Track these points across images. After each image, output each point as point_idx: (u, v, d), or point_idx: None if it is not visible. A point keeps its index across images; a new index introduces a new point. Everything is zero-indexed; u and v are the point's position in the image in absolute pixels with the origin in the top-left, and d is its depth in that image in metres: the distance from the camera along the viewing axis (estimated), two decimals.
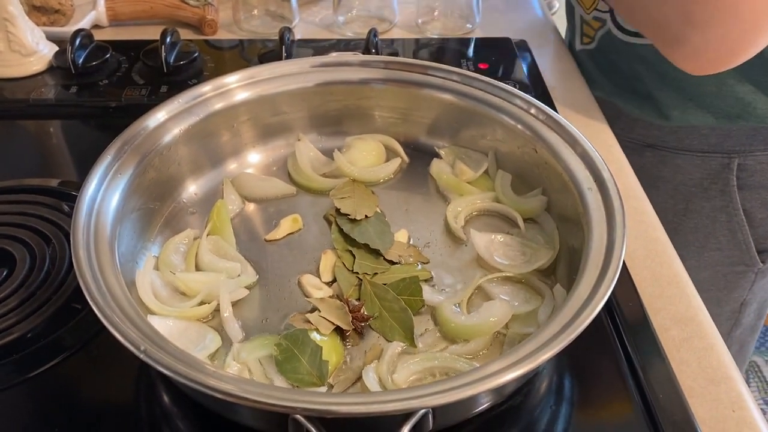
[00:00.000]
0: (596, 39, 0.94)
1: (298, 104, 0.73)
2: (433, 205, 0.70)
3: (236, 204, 0.69)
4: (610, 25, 0.90)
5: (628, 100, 0.92)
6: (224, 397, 0.42)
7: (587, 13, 0.94)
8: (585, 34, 0.97)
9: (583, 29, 0.97)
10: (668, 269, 0.67)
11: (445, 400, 0.42)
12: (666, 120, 0.89)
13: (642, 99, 0.90)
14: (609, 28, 0.90)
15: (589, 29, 0.95)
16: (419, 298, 0.59)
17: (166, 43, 0.88)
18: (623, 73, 0.92)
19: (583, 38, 0.98)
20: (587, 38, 0.97)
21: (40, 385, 0.56)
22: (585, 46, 0.98)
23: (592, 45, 0.96)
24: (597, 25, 0.93)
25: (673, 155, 0.91)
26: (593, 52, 0.96)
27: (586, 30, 0.96)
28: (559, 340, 0.46)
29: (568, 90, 0.93)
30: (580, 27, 0.99)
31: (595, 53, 0.96)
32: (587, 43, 0.97)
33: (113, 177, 0.59)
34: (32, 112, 0.86)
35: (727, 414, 0.54)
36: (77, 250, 0.52)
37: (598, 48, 0.95)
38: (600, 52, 0.95)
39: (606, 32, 0.91)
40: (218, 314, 0.58)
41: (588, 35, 0.96)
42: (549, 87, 0.91)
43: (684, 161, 0.90)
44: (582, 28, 0.98)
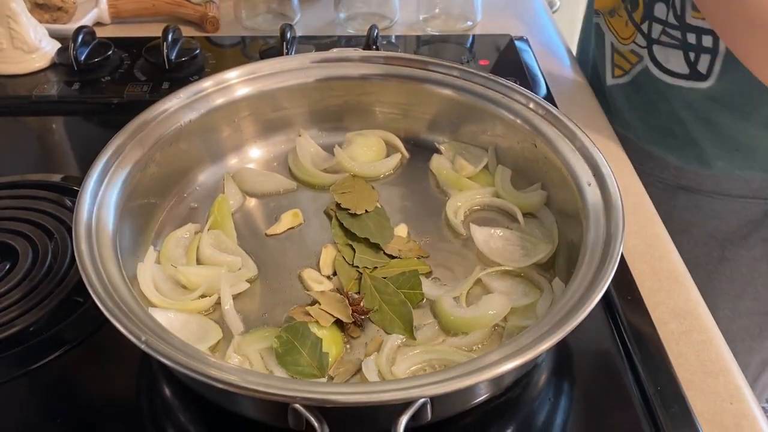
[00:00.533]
0: (631, 74, 0.85)
1: (299, 100, 0.73)
2: (433, 200, 0.70)
3: (237, 199, 0.69)
4: (648, 62, 0.82)
5: (663, 144, 0.84)
6: (225, 387, 0.43)
7: (623, 44, 0.85)
8: (617, 66, 0.88)
9: (615, 59, 0.88)
10: (667, 264, 0.67)
11: (443, 390, 0.43)
12: (707, 168, 0.81)
13: (681, 144, 0.82)
14: (646, 65, 0.82)
15: (623, 62, 0.86)
16: (419, 292, 0.59)
17: (168, 40, 0.89)
18: (661, 115, 0.83)
19: (614, 70, 0.89)
20: (620, 70, 0.88)
21: (42, 378, 0.56)
22: (617, 79, 0.89)
23: (625, 79, 0.87)
24: (634, 59, 0.84)
25: (709, 199, 0.83)
26: (626, 87, 0.87)
27: (619, 61, 0.87)
28: (557, 332, 0.47)
29: (568, 86, 0.93)
30: (611, 57, 0.89)
31: (628, 89, 0.87)
32: (619, 75, 0.88)
33: (115, 172, 0.60)
34: (35, 108, 0.87)
35: (725, 406, 0.55)
36: (79, 244, 0.52)
37: (633, 84, 0.86)
38: (635, 88, 0.86)
39: (643, 69, 0.83)
40: (219, 307, 0.58)
41: (621, 68, 0.87)
42: (549, 83, 0.91)
43: (722, 206, 0.83)
44: (613, 58, 0.88)
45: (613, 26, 0.87)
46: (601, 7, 0.90)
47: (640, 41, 0.82)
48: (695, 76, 0.77)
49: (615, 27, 0.86)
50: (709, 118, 0.78)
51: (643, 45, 0.82)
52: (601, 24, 0.90)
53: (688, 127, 0.80)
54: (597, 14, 0.91)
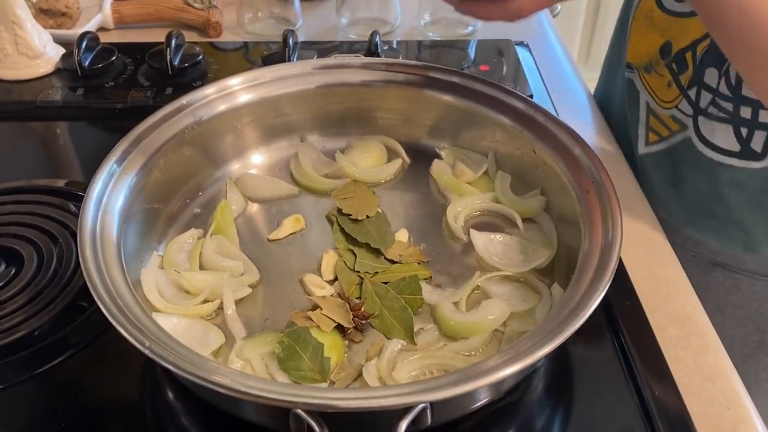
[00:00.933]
0: (669, 142, 0.74)
1: (301, 106, 0.74)
2: (433, 206, 0.71)
3: (239, 204, 0.70)
4: (692, 133, 0.71)
5: (700, 225, 0.74)
6: (227, 392, 0.43)
7: (662, 107, 0.74)
8: (653, 130, 0.76)
9: (650, 123, 0.77)
10: (666, 269, 0.67)
11: (443, 395, 0.43)
12: (752, 253, 0.73)
13: (721, 225, 0.73)
14: (689, 136, 0.71)
15: (661, 127, 0.75)
16: (419, 297, 0.60)
17: (172, 46, 0.89)
18: (700, 193, 0.73)
19: (649, 135, 0.77)
20: (655, 136, 0.76)
21: (47, 382, 0.57)
22: (652, 146, 0.77)
23: (661, 146, 0.76)
24: (675, 126, 0.73)
25: (750, 280, 0.74)
26: (661, 157, 0.76)
27: (655, 125, 0.76)
28: (556, 337, 0.47)
29: (568, 91, 0.94)
30: (645, 120, 0.77)
31: (664, 160, 0.76)
32: (654, 142, 0.76)
33: (119, 177, 0.61)
34: (39, 113, 0.88)
35: (722, 411, 0.55)
36: (84, 249, 0.53)
37: (670, 154, 0.75)
38: (672, 160, 0.75)
39: (684, 139, 0.72)
40: (222, 312, 0.59)
41: (658, 133, 0.76)
42: (549, 89, 0.92)
43: (764, 288, 0.75)
44: (648, 121, 0.77)
45: (651, 85, 0.75)
46: (635, 60, 0.78)
47: (685, 108, 0.71)
48: (747, 154, 0.67)
49: (653, 86, 0.75)
50: (761, 201, 0.69)
51: (688, 113, 0.70)
52: (635, 81, 0.78)
53: (734, 208, 0.71)
54: (630, 68, 0.79)
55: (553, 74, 0.96)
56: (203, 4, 1.04)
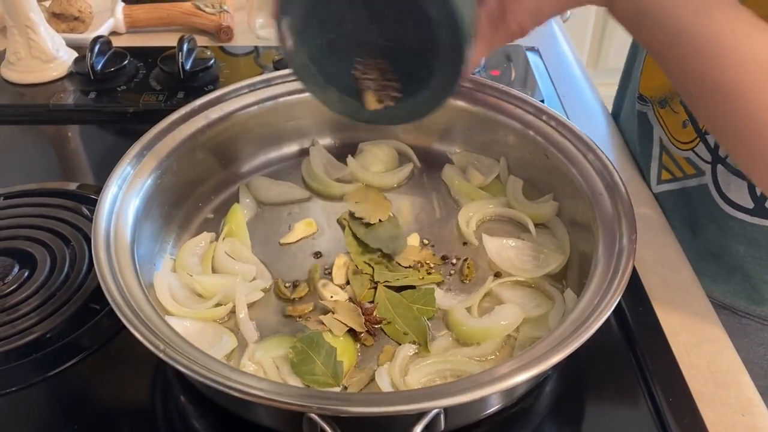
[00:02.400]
0: (682, 183, 0.71)
1: (313, 110, 0.74)
2: (444, 210, 0.71)
3: (251, 208, 0.70)
4: (709, 180, 0.67)
5: (708, 271, 0.71)
6: (242, 396, 0.43)
7: (677, 148, 0.70)
8: (666, 168, 0.73)
9: (663, 160, 0.74)
10: (678, 275, 0.67)
11: (457, 401, 0.43)
12: (757, 306, 0.70)
13: (729, 276, 0.70)
14: (706, 183, 0.67)
15: (674, 167, 0.72)
16: (432, 308, 0.60)
17: (183, 50, 0.90)
18: (711, 241, 0.70)
19: (662, 173, 0.74)
20: (668, 174, 0.73)
21: (60, 384, 0.57)
22: (664, 185, 0.74)
23: (673, 186, 0.73)
24: (691, 170, 0.69)
25: (758, 326, 0.72)
26: (675, 197, 0.73)
27: (668, 164, 0.73)
28: (570, 343, 0.47)
29: (578, 96, 0.94)
30: (658, 155, 0.74)
31: (677, 200, 0.73)
32: (667, 180, 0.73)
33: (132, 181, 0.61)
34: (52, 116, 0.88)
35: (736, 418, 0.55)
36: (98, 253, 0.53)
37: (684, 196, 0.72)
38: (685, 202, 0.72)
39: (700, 186, 0.68)
40: (234, 315, 0.59)
41: (671, 172, 0.73)
42: (560, 94, 0.92)
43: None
44: (661, 157, 0.74)
45: (665, 121, 0.72)
46: (649, 93, 0.74)
47: (703, 153, 0.67)
48: (760, 212, 0.64)
49: (667, 123, 0.72)
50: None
51: (707, 160, 0.67)
52: (648, 115, 0.75)
53: (743, 262, 0.68)
54: (643, 100, 0.76)
55: (563, 79, 0.96)
56: (214, 8, 1.04)
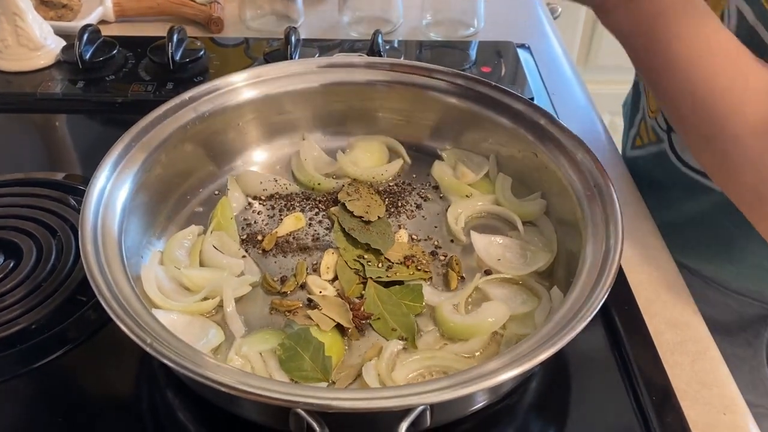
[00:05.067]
0: (647, 150, 0.78)
1: (303, 104, 0.74)
2: (434, 207, 0.71)
3: (240, 201, 0.70)
4: (667, 147, 0.74)
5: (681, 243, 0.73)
6: (228, 391, 0.43)
7: (649, 116, 0.77)
8: (639, 136, 0.80)
9: (640, 129, 0.80)
10: (664, 274, 0.68)
11: (443, 398, 0.43)
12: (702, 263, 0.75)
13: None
14: (665, 149, 0.75)
15: (645, 134, 0.78)
16: (420, 305, 0.60)
17: (173, 40, 0.89)
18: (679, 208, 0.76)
19: (636, 139, 0.80)
20: (640, 141, 0.80)
21: (44, 376, 0.57)
22: (635, 151, 0.81)
23: (641, 152, 0.79)
24: (653, 137, 0.76)
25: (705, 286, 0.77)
26: (642, 162, 0.80)
27: (642, 132, 0.79)
28: (556, 342, 0.47)
29: (568, 94, 0.94)
30: (638, 123, 0.80)
31: (643, 165, 0.79)
32: (639, 146, 0.80)
33: (121, 172, 0.60)
34: (39, 105, 0.87)
35: (718, 417, 0.55)
36: (85, 245, 0.53)
37: (649, 162, 0.79)
38: (648, 168, 0.79)
39: (661, 151, 0.75)
40: (221, 309, 0.59)
41: (641, 138, 0.79)
42: (550, 92, 0.92)
43: (718, 297, 0.77)
44: (640, 125, 0.80)
45: (648, 92, 0.77)
46: None
47: (662, 122, 0.74)
48: None
49: (649, 93, 0.77)
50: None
51: (663, 128, 0.74)
52: (640, 84, 0.80)
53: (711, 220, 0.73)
54: None
55: (553, 76, 0.96)
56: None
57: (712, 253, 0.75)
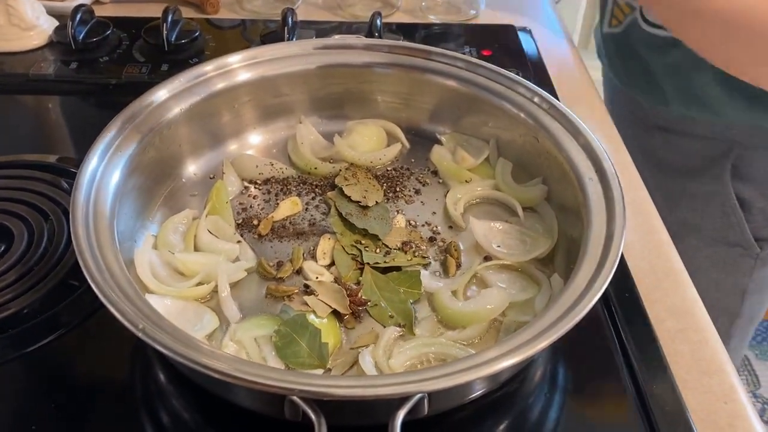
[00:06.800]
0: (623, 25, 0.93)
1: (300, 86, 0.72)
2: (432, 192, 0.70)
3: (236, 185, 0.69)
4: (638, 14, 0.89)
5: (637, 88, 0.94)
6: (222, 378, 0.43)
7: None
8: (614, 17, 0.95)
9: (614, 11, 0.95)
10: (665, 261, 0.67)
11: (441, 386, 0.43)
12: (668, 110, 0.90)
13: (652, 88, 0.91)
14: (636, 17, 0.89)
15: (620, 13, 0.94)
16: (417, 291, 0.59)
17: (168, 21, 0.87)
18: (640, 62, 0.92)
19: (611, 20, 0.96)
20: (615, 21, 0.95)
21: (36, 361, 0.56)
22: (612, 29, 0.96)
23: (618, 29, 0.94)
24: (627, 10, 0.91)
25: (677, 137, 0.92)
26: (617, 37, 0.95)
27: (617, 13, 0.95)
28: (556, 330, 0.47)
29: (570, 77, 0.93)
30: (611, 8, 0.96)
31: (619, 38, 0.95)
32: (615, 26, 0.95)
33: (113, 154, 0.59)
34: (31, 87, 0.86)
35: (718, 406, 0.55)
36: (76, 228, 0.52)
37: (624, 35, 0.93)
38: (624, 39, 0.94)
39: (633, 20, 0.90)
40: (216, 295, 0.58)
41: (617, 18, 0.94)
42: (552, 76, 0.91)
43: (688, 144, 0.92)
44: (613, 10, 0.96)
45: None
46: None
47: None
48: None
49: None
50: (675, 65, 0.86)
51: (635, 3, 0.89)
52: None
53: (657, 72, 0.89)
54: None
55: (555, 60, 0.95)
56: None
57: (679, 102, 0.89)
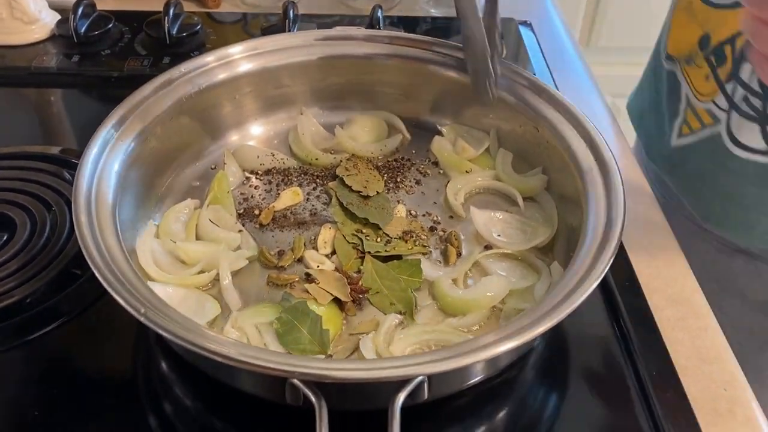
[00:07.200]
0: (699, 135, 0.74)
1: (301, 77, 0.73)
2: (433, 183, 0.70)
3: (237, 176, 0.69)
4: (723, 128, 0.70)
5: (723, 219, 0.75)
6: (223, 361, 0.43)
7: (699, 101, 0.73)
8: (686, 123, 0.76)
9: (687, 116, 0.76)
10: (665, 250, 0.67)
11: (441, 368, 0.43)
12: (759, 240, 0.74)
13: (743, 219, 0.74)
14: (719, 131, 0.71)
15: (695, 120, 0.74)
16: (418, 279, 0.59)
17: (169, 15, 0.88)
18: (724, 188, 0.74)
19: (682, 128, 0.76)
20: (687, 129, 0.76)
21: (39, 349, 0.56)
22: (683, 138, 0.76)
23: (690, 139, 0.75)
24: (708, 120, 0.72)
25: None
26: (690, 150, 0.76)
27: (690, 119, 0.75)
28: (555, 315, 0.47)
29: (570, 72, 0.93)
30: (683, 112, 0.76)
31: (690, 153, 0.76)
32: (686, 134, 0.76)
33: (115, 144, 0.59)
34: (33, 80, 0.86)
35: (719, 393, 0.55)
36: (79, 215, 0.52)
37: (698, 148, 0.75)
38: (697, 153, 0.75)
39: (714, 134, 0.71)
40: (218, 283, 0.58)
41: (690, 126, 0.75)
42: (551, 68, 0.91)
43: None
44: (686, 114, 0.76)
45: (691, 77, 0.74)
46: (676, 52, 0.77)
47: (721, 102, 0.70)
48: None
49: (692, 79, 0.74)
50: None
51: (723, 108, 0.70)
52: (677, 73, 0.77)
53: (756, 204, 0.72)
54: (670, 60, 0.78)
55: (555, 54, 0.95)
56: None
57: (761, 231, 0.73)
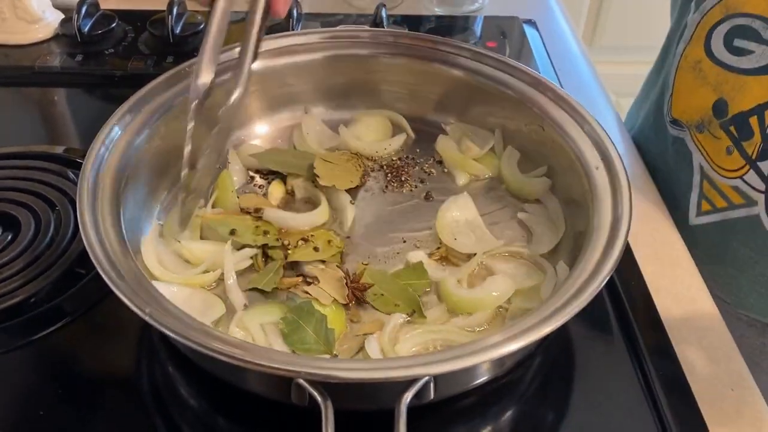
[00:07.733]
0: (725, 214, 0.67)
1: (306, 77, 0.72)
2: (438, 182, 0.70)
3: (241, 175, 0.69)
4: (761, 211, 0.63)
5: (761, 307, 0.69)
6: (229, 361, 0.43)
7: (722, 176, 0.66)
8: (706, 198, 0.69)
9: (704, 190, 0.69)
10: (671, 249, 0.67)
11: (447, 368, 0.43)
12: None
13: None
14: (758, 213, 0.64)
15: (717, 197, 0.67)
16: (425, 281, 0.59)
17: (173, 14, 0.87)
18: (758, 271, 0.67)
19: (701, 203, 0.69)
20: (709, 206, 0.69)
21: (43, 349, 0.56)
22: (704, 217, 0.69)
23: (714, 218, 0.68)
24: (738, 200, 0.65)
25: None
26: (713, 230, 0.69)
27: (710, 194, 0.68)
28: (561, 315, 0.47)
29: (574, 70, 0.93)
30: (699, 185, 0.69)
31: (716, 234, 0.69)
32: (708, 211, 0.69)
33: (119, 142, 0.59)
34: (37, 79, 0.86)
35: (726, 393, 0.55)
36: (83, 214, 0.52)
37: (725, 228, 0.68)
38: (725, 235, 0.68)
39: (750, 216, 0.65)
40: (222, 282, 0.58)
41: (712, 203, 0.68)
42: (555, 67, 0.91)
43: None
44: (702, 187, 0.69)
45: (705, 147, 0.67)
46: (684, 117, 0.70)
47: (754, 182, 0.63)
48: None
49: (707, 149, 0.67)
50: None
51: (759, 188, 0.63)
52: (686, 140, 0.69)
53: None
54: (677, 125, 0.71)
55: (559, 52, 0.95)
56: None
57: None
